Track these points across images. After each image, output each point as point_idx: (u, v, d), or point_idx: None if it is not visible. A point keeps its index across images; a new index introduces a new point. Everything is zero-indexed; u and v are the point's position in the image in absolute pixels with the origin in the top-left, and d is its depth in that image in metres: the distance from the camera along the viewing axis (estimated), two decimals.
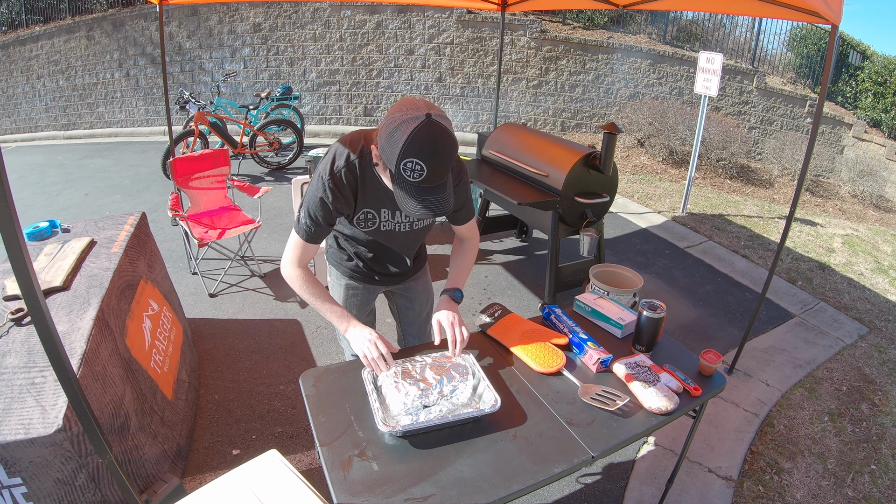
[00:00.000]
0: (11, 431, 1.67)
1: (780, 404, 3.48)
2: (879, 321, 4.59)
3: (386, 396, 1.71)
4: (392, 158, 1.51)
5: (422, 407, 1.66)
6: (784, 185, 8.59)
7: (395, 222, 1.96)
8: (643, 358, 1.96)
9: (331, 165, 1.77)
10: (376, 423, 1.58)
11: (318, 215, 1.81)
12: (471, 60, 9.75)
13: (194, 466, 2.75)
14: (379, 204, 1.88)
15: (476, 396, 1.74)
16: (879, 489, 2.88)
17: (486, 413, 1.65)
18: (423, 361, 1.85)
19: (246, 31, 9.98)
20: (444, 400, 1.70)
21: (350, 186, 1.79)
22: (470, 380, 1.77)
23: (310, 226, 1.83)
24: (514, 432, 1.65)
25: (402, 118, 1.49)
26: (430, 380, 1.75)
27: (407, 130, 1.47)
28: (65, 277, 2.43)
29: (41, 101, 11.26)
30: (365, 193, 1.83)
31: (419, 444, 1.59)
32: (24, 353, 1.99)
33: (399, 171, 1.51)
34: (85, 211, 6.15)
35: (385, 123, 1.54)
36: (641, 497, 2.71)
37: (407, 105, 1.53)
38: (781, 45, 10.62)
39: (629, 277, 3.39)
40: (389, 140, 1.51)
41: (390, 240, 2.05)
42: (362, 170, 1.78)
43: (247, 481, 1.67)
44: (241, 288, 4.50)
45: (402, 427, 1.58)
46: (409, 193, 1.56)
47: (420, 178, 1.51)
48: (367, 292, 2.31)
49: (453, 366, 1.82)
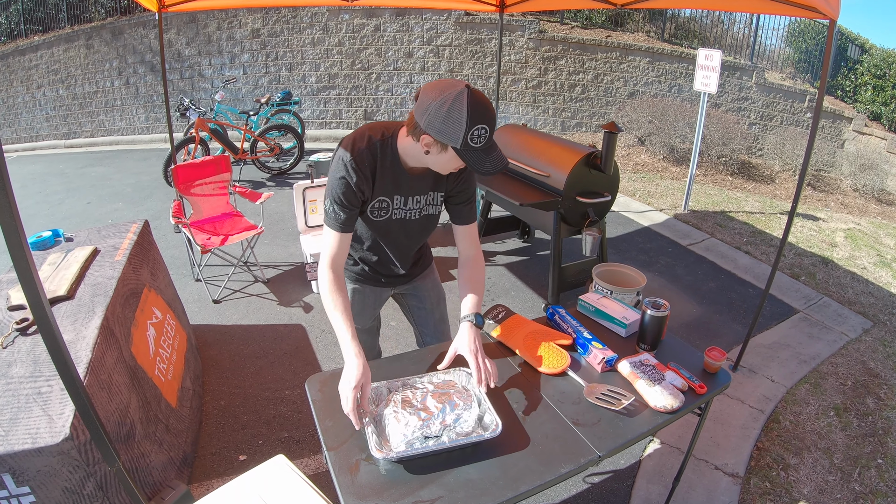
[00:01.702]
0: (19, 441, 1.68)
1: (785, 400, 3.48)
2: (883, 315, 4.58)
3: (386, 427, 1.62)
4: (458, 134, 1.58)
5: (423, 438, 1.57)
6: (785, 181, 8.58)
7: (406, 209, 1.97)
8: (648, 356, 1.97)
9: (351, 147, 1.80)
10: (370, 449, 1.52)
11: (344, 198, 1.82)
12: (470, 62, 9.77)
13: (201, 472, 2.76)
14: (393, 190, 1.90)
15: (482, 428, 1.65)
16: (886, 483, 2.87)
17: (485, 438, 1.58)
18: (424, 388, 1.74)
19: (245, 36, 10.00)
20: (448, 430, 1.60)
21: (370, 167, 1.82)
22: (474, 408, 1.67)
23: (338, 212, 1.84)
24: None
25: (448, 97, 1.57)
26: (432, 408, 1.64)
27: (462, 105, 1.55)
28: (69, 286, 2.44)
29: (41, 111, 11.29)
30: (383, 176, 1.85)
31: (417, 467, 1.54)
32: (29, 362, 1.99)
33: (467, 141, 1.59)
34: (87, 219, 6.17)
35: (431, 109, 1.60)
36: (648, 496, 2.71)
37: (441, 86, 1.61)
38: (780, 40, 10.62)
39: (632, 276, 3.39)
40: (448, 120, 1.58)
41: (399, 231, 2.05)
42: (383, 152, 1.82)
43: (255, 487, 1.68)
44: (245, 294, 4.51)
45: (396, 453, 1.52)
46: (480, 157, 1.65)
47: (485, 140, 1.63)
48: (375, 296, 2.31)
49: (457, 392, 1.72)
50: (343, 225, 1.86)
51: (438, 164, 1.77)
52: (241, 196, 4.75)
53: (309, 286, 4.58)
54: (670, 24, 10.62)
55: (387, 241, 2.08)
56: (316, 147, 8.85)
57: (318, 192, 4.59)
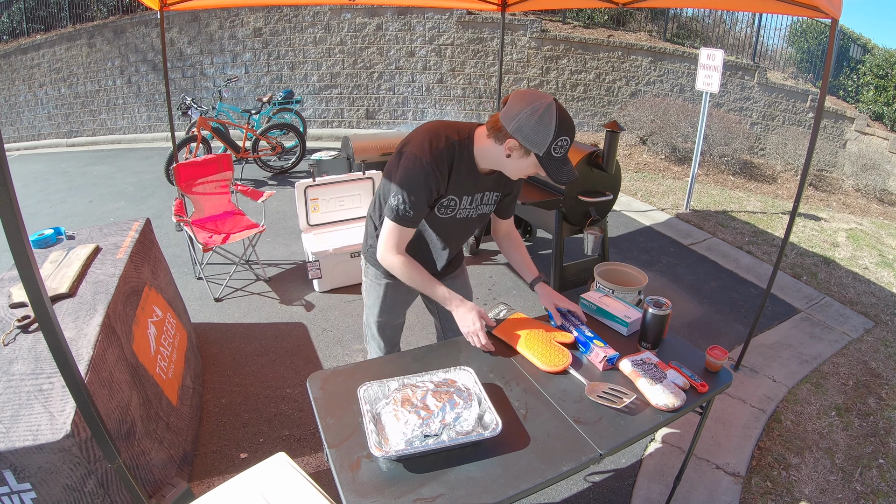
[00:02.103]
0: (20, 438, 1.68)
1: (786, 400, 3.47)
2: (885, 315, 4.58)
3: (385, 426, 1.62)
4: (545, 141, 1.70)
5: (423, 437, 1.57)
6: (787, 181, 8.57)
7: (470, 208, 2.06)
8: (649, 355, 1.96)
9: (429, 146, 1.84)
10: (369, 447, 1.52)
11: (419, 197, 1.87)
12: (472, 61, 9.76)
13: (202, 470, 2.76)
14: (463, 190, 1.97)
15: (481, 426, 1.65)
16: (888, 483, 2.87)
17: (485, 437, 1.58)
18: (424, 387, 1.72)
19: (247, 35, 10.00)
20: (448, 429, 1.60)
21: (447, 166, 1.88)
22: (475, 407, 1.67)
23: (408, 210, 1.89)
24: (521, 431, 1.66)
25: (540, 107, 1.69)
26: (432, 407, 1.63)
27: (552, 115, 1.68)
28: (70, 284, 2.44)
29: (43, 110, 11.30)
30: (457, 176, 1.92)
31: (418, 465, 1.55)
32: (31, 359, 2.00)
33: (550, 150, 1.71)
34: (89, 218, 6.18)
35: (522, 116, 1.70)
36: (650, 495, 2.71)
37: (531, 95, 1.73)
38: (782, 40, 10.61)
39: (634, 275, 3.39)
40: (538, 127, 1.69)
41: (457, 228, 2.13)
42: (461, 152, 1.89)
43: (256, 484, 1.68)
44: (247, 292, 4.51)
45: (395, 451, 1.52)
46: (558, 166, 1.76)
47: (565, 151, 1.75)
48: (407, 290, 2.34)
49: (457, 391, 1.71)
50: (412, 222, 1.93)
51: (513, 169, 1.86)
52: (243, 194, 4.75)
53: (310, 285, 4.58)
54: (672, 23, 10.61)
55: (441, 237, 2.14)
56: (318, 146, 8.85)
57: (320, 190, 4.60)
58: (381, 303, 2.33)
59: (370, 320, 2.42)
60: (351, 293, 4.46)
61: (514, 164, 1.83)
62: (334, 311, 4.22)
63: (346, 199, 4.76)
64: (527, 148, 1.74)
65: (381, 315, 2.37)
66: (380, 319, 2.39)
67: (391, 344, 2.49)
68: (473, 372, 1.80)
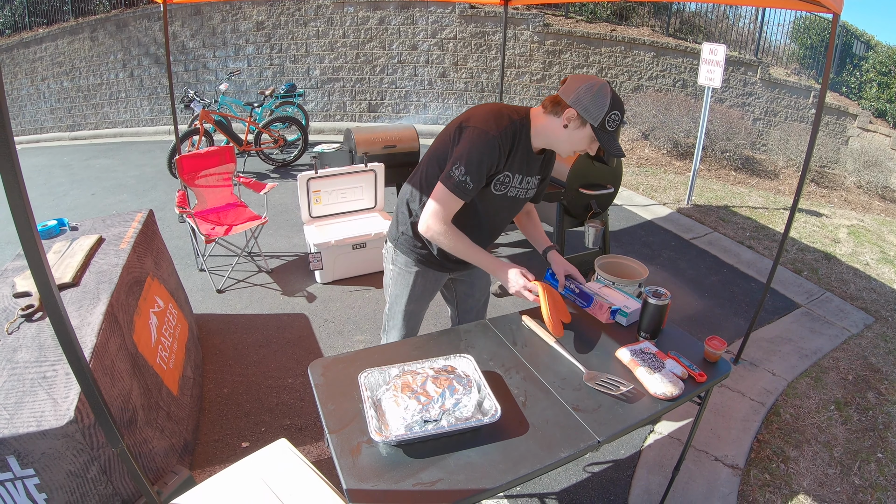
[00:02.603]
0: (24, 424, 1.70)
1: (786, 393, 3.49)
2: (885, 311, 4.58)
3: (386, 411, 1.63)
4: (600, 113, 1.83)
5: (423, 422, 1.58)
6: (789, 177, 8.57)
7: (519, 188, 2.13)
8: (648, 345, 1.97)
9: (496, 123, 1.93)
10: (369, 432, 1.53)
11: (482, 168, 1.93)
12: (474, 55, 9.75)
13: (204, 459, 2.78)
14: (517, 168, 2.04)
15: (481, 413, 1.66)
16: (886, 477, 2.88)
17: (484, 423, 1.59)
18: (424, 373, 1.74)
19: (249, 29, 10.00)
20: (447, 415, 1.61)
21: (510, 144, 1.96)
22: (474, 394, 1.68)
23: (468, 181, 1.93)
24: (521, 418, 1.67)
25: (595, 84, 1.84)
26: (432, 393, 1.65)
27: (607, 91, 1.83)
28: (74, 273, 2.45)
29: (46, 103, 11.31)
30: (515, 154, 1.99)
31: (418, 450, 1.56)
32: (34, 347, 2.01)
33: (604, 122, 1.85)
34: (92, 210, 6.19)
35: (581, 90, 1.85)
36: (649, 485, 2.72)
37: (587, 78, 1.88)
38: (785, 35, 10.59)
39: (634, 268, 3.39)
40: (595, 100, 1.83)
41: (505, 207, 2.20)
42: (521, 131, 1.98)
43: (257, 470, 1.70)
44: (249, 283, 4.53)
45: (395, 437, 1.52)
46: (611, 139, 1.90)
47: (616, 126, 1.88)
48: (435, 279, 2.37)
49: (456, 377, 1.72)
50: (468, 193, 1.97)
51: (567, 140, 1.96)
52: (246, 186, 4.76)
53: (312, 276, 4.59)
54: (675, 18, 10.58)
55: (489, 214, 2.18)
56: (320, 139, 8.86)
57: (323, 182, 4.61)
58: (411, 291, 2.34)
59: (396, 309, 2.41)
60: (352, 284, 4.47)
61: (570, 135, 1.93)
62: (336, 302, 4.24)
63: (349, 191, 4.77)
64: (584, 118, 1.86)
65: (409, 303, 2.38)
66: (408, 308, 2.39)
67: (414, 333, 2.51)
68: (473, 359, 1.81)
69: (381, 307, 4.13)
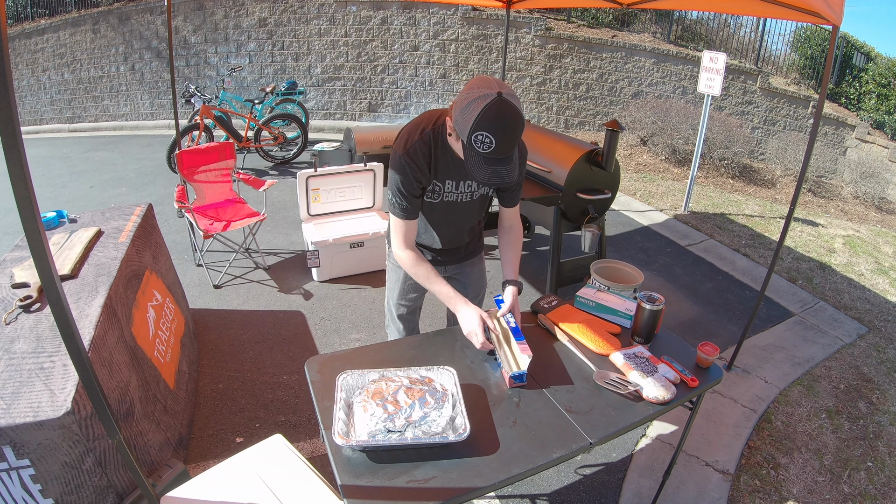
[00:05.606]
0: (20, 414, 1.70)
1: (778, 401, 3.51)
2: (879, 321, 4.61)
3: (354, 415, 1.60)
4: (465, 130, 1.66)
5: (385, 431, 1.53)
6: (786, 186, 8.60)
7: (457, 192, 2.09)
8: (641, 349, 2.00)
9: (405, 143, 1.92)
10: (332, 435, 1.51)
11: (404, 189, 1.94)
12: (475, 57, 9.77)
13: (198, 454, 2.79)
14: (444, 175, 2.01)
15: (452, 429, 1.60)
16: (875, 486, 2.91)
17: (449, 441, 1.54)
18: (399, 382, 1.69)
19: (251, 25, 10.00)
20: (412, 427, 1.56)
21: (425, 158, 1.93)
22: (447, 409, 1.63)
23: (401, 202, 1.97)
24: (514, 418, 1.69)
25: (475, 94, 1.63)
26: (401, 403, 1.60)
27: (479, 106, 1.61)
28: (73, 266, 2.46)
29: (46, 95, 11.29)
30: (437, 163, 1.97)
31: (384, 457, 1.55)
32: (32, 338, 2.02)
33: (470, 142, 1.66)
34: (90, 203, 6.19)
35: (460, 98, 1.69)
36: (640, 489, 2.74)
37: (481, 83, 1.67)
38: (786, 45, 10.60)
39: (630, 273, 3.41)
40: (463, 114, 1.66)
41: (450, 212, 2.16)
42: (435, 141, 1.93)
43: (252, 464, 1.71)
44: (246, 280, 4.53)
45: (357, 443, 1.50)
46: (478, 162, 1.71)
47: (489, 149, 1.66)
48: None
49: (431, 390, 1.67)
50: (407, 213, 1.99)
51: (462, 152, 1.82)
52: (245, 183, 4.77)
53: (309, 274, 4.60)
54: (677, 25, 10.61)
55: (433, 221, 2.20)
56: (319, 137, 8.86)
57: (322, 181, 4.61)
58: (401, 285, 2.41)
59: (391, 303, 2.50)
60: (349, 283, 4.49)
61: (457, 146, 1.86)
62: (332, 300, 4.25)
63: (347, 190, 4.78)
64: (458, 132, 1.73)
65: (400, 297, 2.45)
66: (399, 301, 2.46)
67: (410, 326, 2.57)
68: (455, 373, 1.78)
69: (377, 306, 4.15)
